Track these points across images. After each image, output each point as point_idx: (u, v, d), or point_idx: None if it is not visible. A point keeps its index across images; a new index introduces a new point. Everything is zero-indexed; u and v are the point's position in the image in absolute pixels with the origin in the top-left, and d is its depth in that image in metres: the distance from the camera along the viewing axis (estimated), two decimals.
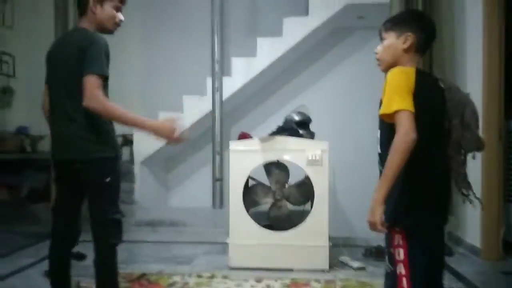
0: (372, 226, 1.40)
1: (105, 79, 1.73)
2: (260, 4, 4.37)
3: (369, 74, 3.87)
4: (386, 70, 1.56)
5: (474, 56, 3.03)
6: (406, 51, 1.52)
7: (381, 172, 1.52)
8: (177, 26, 4.32)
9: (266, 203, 2.93)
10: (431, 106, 1.47)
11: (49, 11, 3.82)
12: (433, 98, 1.50)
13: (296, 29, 3.68)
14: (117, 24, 1.86)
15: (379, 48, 1.60)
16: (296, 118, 3.08)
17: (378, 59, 1.61)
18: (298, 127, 2.98)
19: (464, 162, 1.51)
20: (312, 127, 3.10)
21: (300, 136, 2.92)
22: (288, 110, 3.24)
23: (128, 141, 4.26)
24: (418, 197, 1.45)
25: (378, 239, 3.46)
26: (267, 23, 4.14)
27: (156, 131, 1.78)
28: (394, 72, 1.45)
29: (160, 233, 3.73)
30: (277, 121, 3.20)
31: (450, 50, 3.07)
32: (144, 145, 3.95)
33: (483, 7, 2.89)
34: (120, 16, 1.86)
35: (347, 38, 4.09)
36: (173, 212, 4.03)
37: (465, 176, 1.50)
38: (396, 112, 1.38)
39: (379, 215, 1.38)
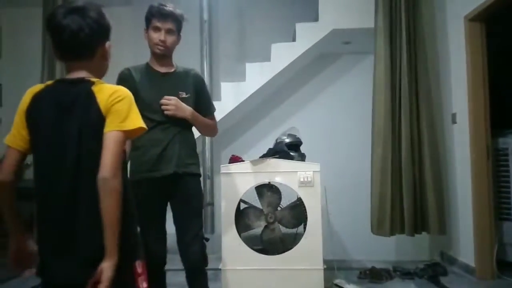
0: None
1: None
2: (248, 31, 4.46)
3: (356, 96, 3.94)
4: None
5: (458, 77, 3.10)
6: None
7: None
8: None
9: (258, 227, 2.89)
10: None
11: (37, 40, 3.83)
12: None
13: (284, 54, 3.74)
14: None
15: None
16: (287, 140, 3.08)
17: None
18: (289, 149, 2.99)
19: None
20: (302, 149, 3.11)
21: (291, 158, 2.92)
22: (279, 133, 3.25)
23: None
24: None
25: (372, 261, 3.44)
26: (256, 49, 4.21)
27: None
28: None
29: None
30: (268, 144, 3.20)
31: (435, 70, 3.14)
32: None
33: (465, 28, 2.99)
34: None
35: (334, 62, 4.17)
36: None
37: None
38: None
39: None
